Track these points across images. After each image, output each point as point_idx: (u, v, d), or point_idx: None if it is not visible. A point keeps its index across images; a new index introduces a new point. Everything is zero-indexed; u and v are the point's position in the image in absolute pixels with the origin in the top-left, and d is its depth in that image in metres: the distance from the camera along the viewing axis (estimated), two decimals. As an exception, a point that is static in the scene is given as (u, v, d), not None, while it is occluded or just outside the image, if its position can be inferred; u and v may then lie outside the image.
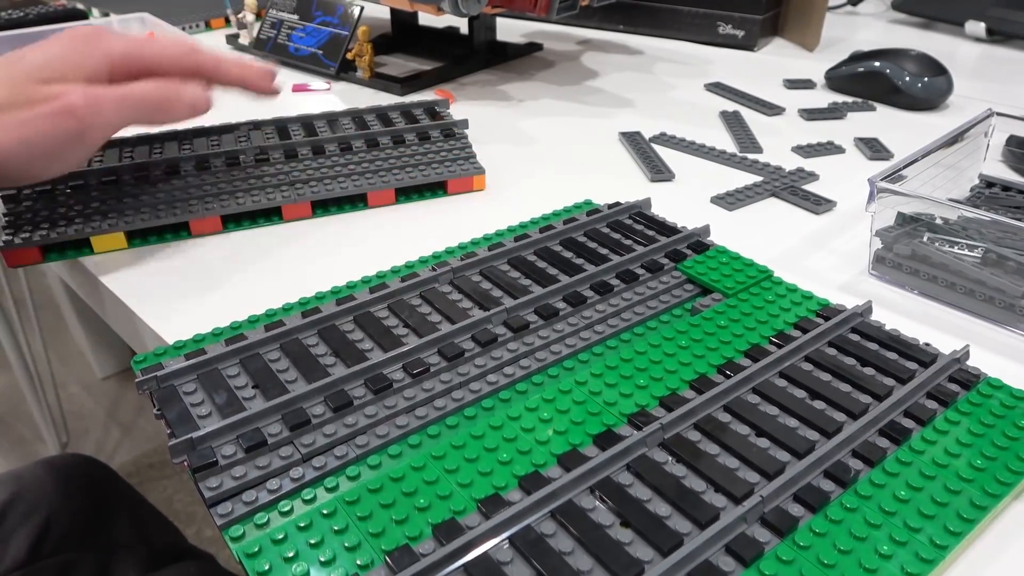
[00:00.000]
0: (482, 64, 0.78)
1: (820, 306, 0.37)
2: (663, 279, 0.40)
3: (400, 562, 0.24)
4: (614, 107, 0.68)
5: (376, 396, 0.32)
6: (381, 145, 0.51)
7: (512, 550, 0.25)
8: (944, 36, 0.90)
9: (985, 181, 0.51)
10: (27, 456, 1.31)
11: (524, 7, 0.63)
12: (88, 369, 1.49)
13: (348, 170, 0.49)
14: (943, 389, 0.32)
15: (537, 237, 0.42)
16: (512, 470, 0.28)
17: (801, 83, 0.73)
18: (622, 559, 0.25)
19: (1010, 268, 0.38)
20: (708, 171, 0.56)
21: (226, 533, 0.26)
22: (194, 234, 0.46)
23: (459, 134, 0.53)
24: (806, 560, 0.25)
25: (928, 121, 0.64)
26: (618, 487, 0.27)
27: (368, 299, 0.37)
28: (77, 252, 0.44)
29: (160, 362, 0.33)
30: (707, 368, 0.33)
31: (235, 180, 0.47)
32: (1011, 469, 0.29)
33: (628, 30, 0.90)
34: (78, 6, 0.90)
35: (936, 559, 0.25)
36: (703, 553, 0.25)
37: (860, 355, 0.34)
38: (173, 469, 1.27)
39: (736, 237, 0.46)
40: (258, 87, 0.44)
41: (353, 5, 0.72)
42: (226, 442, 0.29)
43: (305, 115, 0.54)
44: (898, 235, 0.42)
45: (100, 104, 0.37)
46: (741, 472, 0.28)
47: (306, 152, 0.50)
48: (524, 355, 0.34)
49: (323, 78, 0.74)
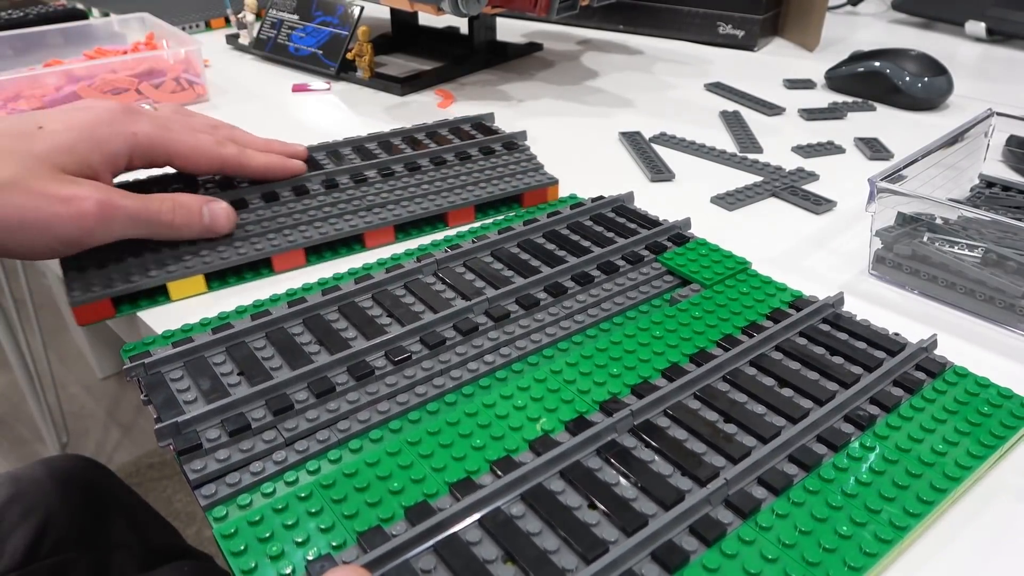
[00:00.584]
0: (482, 64, 0.78)
1: (793, 297, 0.38)
2: (643, 270, 0.40)
3: (371, 542, 0.25)
4: (614, 107, 0.68)
5: (358, 383, 0.33)
6: (448, 163, 0.49)
7: (481, 531, 0.26)
8: (944, 36, 0.90)
9: (985, 181, 0.51)
10: (27, 456, 1.31)
11: (524, 7, 0.63)
12: (88, 369, 1.49)
13: (422, 190, 0.47)
14: (909, 377, 0.33)
15: (521, 230, 0.43)
16: (485, 455, 0.29)
17: (801, 83, 0.73)
18: (588, 539, 0.26)
19: (1010, 268, 0.38)
20: (708, 171, 0.56)
21: (209, 514, 0.27)
22: (277, 270, 0.42)
23: (521, 146, 0.52)
24: (767, 540, 0.26)
25: (928, 121, 0.64)
26: (587, 471, 0.28)
27: (353, 289, 0.38)
28: (151, 302, 0.40)
29: (148, 350, 0.34)
30: (679, 357, 0.34)
31: (309, 209, 0.44)
32: (972, 454, 0.29)
33: (628, 30, 0.90)
34: (78, 6, 0.91)
35: (895, 539, 0.26)
36: (667, 533, 0.26)
37: (830, 344, 0.34)
38: (173, 469, 1.27)
39: (736, 237, 0.46)
40: (284, 175, 0.45)
41: (353, 5, 0.73)
42: (211, 426, 0.30)
43: (355, 138, 0.51)
44: (898, 235, 0.41)
45: (113, 216, 0.36)
46: (708, 456, 0.29)
47: (374, 175, 0.47)
48: (504, 343, 0.35)
49: (323, 78, 0.75)
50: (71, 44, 0.74)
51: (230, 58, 0.82)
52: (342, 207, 0.45)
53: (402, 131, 0.53)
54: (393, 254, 0.43)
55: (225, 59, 0.81)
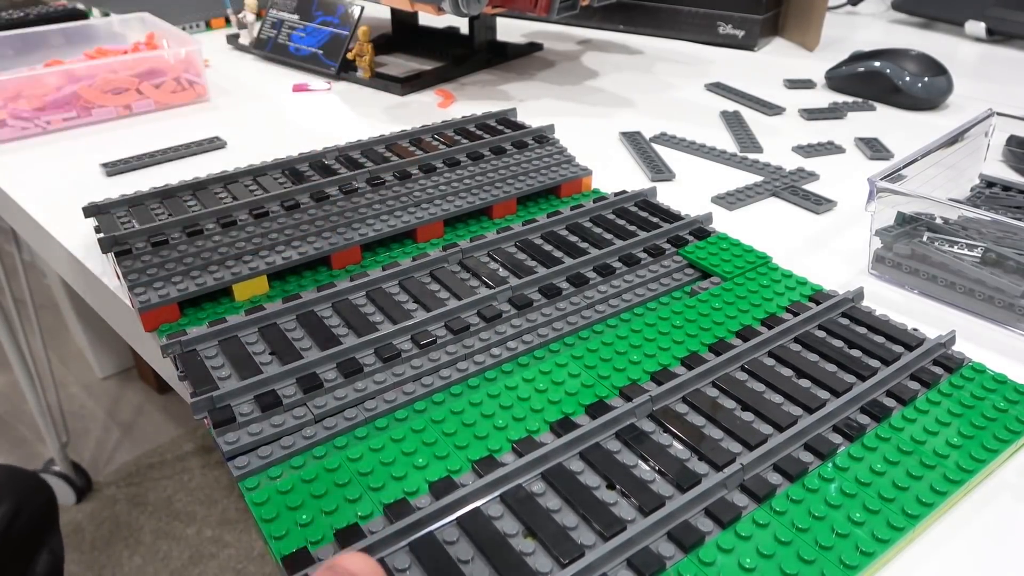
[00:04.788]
0: (482, 64, 0.78)
1: (813, 291, 0.38)
2: (664, 263, 0.41)
3: (397, 513, 0.26)
4: (614, 107, 0.68)
5: (385, 364, 0.34)
6: (485, 157, 0.50)
7: (503, 506, 0.27)
8: (944, 36, 0.89)
9: (985, 181, 0.51)
10: (27, 456, 1.31)
11: (524, 7, 0.64)
12: (88, 369, 1.48)
13: (464, 185, 0.47)
14: (927, 371, 0.33)
15: (544, 222, 0.44)
16: (507, 435, 0.30)
17: (801, 83, 0.73)
18: (606, 517, 0.26)
19: (1009, 268, 0.38)
20: (708, 171, 0.56)
21: (242, 484, 0.29)
22: (335, 268, 0.42)
23: (552, 139, 0.53)
24: (781, 524, 0.27)
25: (928, 121, 0.64)
26: (606, 453, 0.29)
27: (380, 276, 0.39)
28: (215, 303, 0.39)
29: (184, 329, 0.36)
30: (699, 347, 0.35)
31: (359, 207, 0.44)
32: (986, 447, 0.30)
33: (628, 30, 0.91)
34: (78, 6, 0.91)
35: (906, 527, 0.27)
36: (683, 514, 0.27)
37: (848, 338, 0.35)
38: (173, 469, 1.28)
39: (737, 236, 0.46)
40: None
41: (353, 5, 0.73)
42: (244, 401, 0.31)
43: (386, 136, 0.52)
44: (898, 235, 0.42)
45: None
46: (725, 443, 0.30)
47: (417, 172, 0.48)
48: (527, 331, 0.36)
49: (323, 78, 0.75)
50: (71, 44, 0.74)
51: (230, 58, 0.82)
52: (391, 203, 0.45)
53: (430, 128, 0.54)
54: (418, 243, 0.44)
55: (225, 59, 0.82)
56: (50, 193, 0.53)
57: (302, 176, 0.48)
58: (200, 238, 0.41)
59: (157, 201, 0.45)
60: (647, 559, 0.25)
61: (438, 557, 0.25)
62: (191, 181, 0.46)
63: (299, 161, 0.49)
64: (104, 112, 0.65)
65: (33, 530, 0.60)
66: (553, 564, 0.25)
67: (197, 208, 0.44)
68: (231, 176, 0.47)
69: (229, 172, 0.47)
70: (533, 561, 0.25)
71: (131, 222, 0.42)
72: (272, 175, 0.48)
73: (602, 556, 0.25)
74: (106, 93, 0.65)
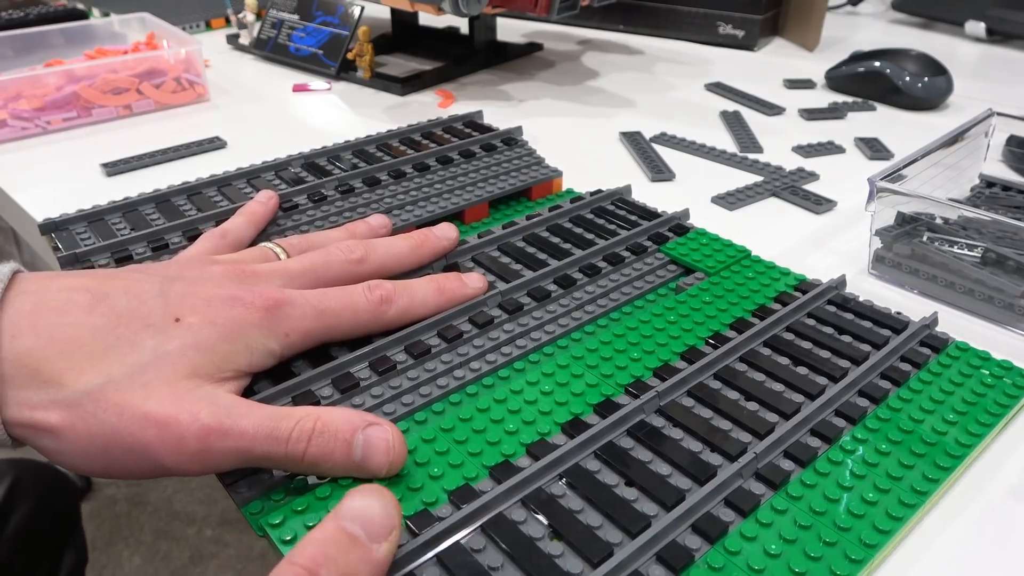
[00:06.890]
0: (482, 64, 0.78)
1: (797, 281, 0.39)
2: (647, 260, 0.41)
3: (420, 524, 0.26)
4: (614, 107, 0.68)
5: (381, 377, 0.33)
6: (455, 161, 0.50)
7: (525, 510, 0.27)
8: (944, 36, 0.91)
9: (985, 181, 0.51)
10: (27, 456, 1.28)
11: (524, 7, 0.64)
12: None
13: (435, 190, 0.47)
14: (916, 352, 0.34)
15: (524, 224, 0.43)
16: (519, 439, 0.30)
17: (801, 83, 0.74)
18: (630, 514, 0.26)
19: (1009, 268, 0.38)
20: (708, 171, 0.56)
21: (245, 510, 0.27)
22: None
23: (520, 141, 0.52)
24: (799, 509, 0.27)
25: (928, 121, 0.65)
26: (621, 451, 0.29)
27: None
28: None
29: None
30: (696, 340, 0.35)
31: (330, 215, 0.44)
32: (980, 422, 0.31)
33: (628, 30, 0.91)
34: (78, 6, 0.90)
35: (916, 504, 0.27)
36: (705, 506, 0.27)
37: (837, 324, 0.36)
38: None
39: (737, 237, 0.46)
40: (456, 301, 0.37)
41: (353, 5, 0.73)
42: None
43: (353, 141, 0.52)
44: (898, 235, 0.42)
45: (215, 448, 0.27)
46: (734, 433, 0.30)
47: (386, 178, 0.47)
48: (520, 335, 0.36)
49: (323, 78, 0.74)
50: (71, 44, 0.73)
51: (230, 58, 0.82)
52: (362, 211, 0.45)
53: (399, 132, 0.53)
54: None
55: (225, 59, 0.81)
56: (50, 193, 0.52)
57: (268, 185, 0.46)
58: (166, 252, 0.40)
59: (119, 216, 0.43)
60: (676, 553, 0.25)
61: (468, 566, 0.24)
62: (151, 194, 0.45)
63: (264, 170, 0.48)
64: (104, 112, 0.64)
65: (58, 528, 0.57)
66: (584, 565, 0.25)
67: (161, 222, 0.43)
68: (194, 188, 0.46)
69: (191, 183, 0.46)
70: (563, 563, 0.25)
71: (91, 239, 0.41)
72: (236, 185, 0.47)
73: (631, 554, 0.25)
74: (106, 93, 0.64)
